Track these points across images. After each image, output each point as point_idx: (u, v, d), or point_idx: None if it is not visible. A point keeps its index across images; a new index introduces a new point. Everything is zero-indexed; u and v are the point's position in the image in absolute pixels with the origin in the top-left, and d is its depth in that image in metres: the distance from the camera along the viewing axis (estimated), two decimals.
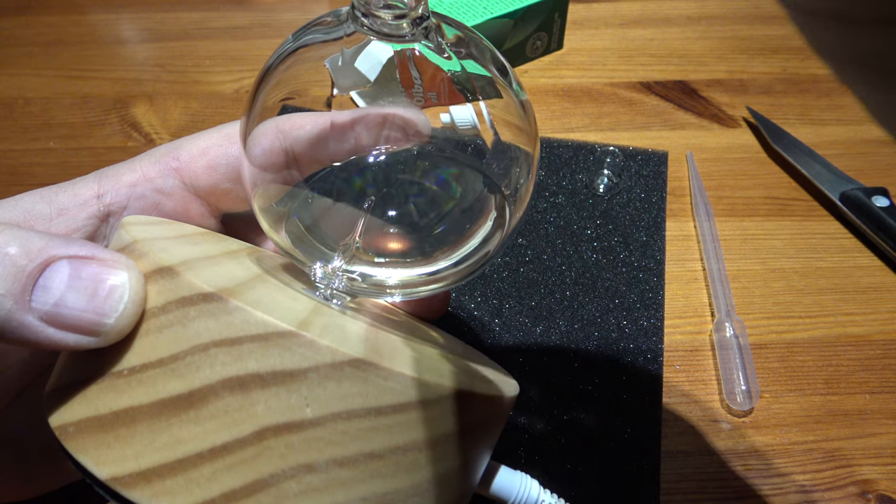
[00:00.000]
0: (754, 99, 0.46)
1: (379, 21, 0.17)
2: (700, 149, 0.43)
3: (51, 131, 0.44)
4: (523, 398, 0.30)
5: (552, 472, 0.28)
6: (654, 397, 0.30)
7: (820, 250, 0.37)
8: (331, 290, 0.19)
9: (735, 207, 0.39)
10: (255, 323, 0.14)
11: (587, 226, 0.38)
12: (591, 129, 0.44)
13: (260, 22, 0.53)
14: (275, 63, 0.19)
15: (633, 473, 0.28)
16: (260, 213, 0.19)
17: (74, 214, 0.20)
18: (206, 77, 0.48)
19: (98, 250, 0.15)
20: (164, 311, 0.15)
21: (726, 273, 0.35)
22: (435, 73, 0.18)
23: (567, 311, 0.34)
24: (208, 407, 0.14)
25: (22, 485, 0.21)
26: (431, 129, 0.19)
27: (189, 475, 0.14)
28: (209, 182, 0.21)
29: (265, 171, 0.19)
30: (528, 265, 0.36)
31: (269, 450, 0.14)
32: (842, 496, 0.28)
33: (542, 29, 0.47)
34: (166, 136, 0.44)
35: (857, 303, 0.35)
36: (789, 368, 0.32)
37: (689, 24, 0.53)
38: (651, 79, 0.48)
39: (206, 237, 0.20)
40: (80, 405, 0.15)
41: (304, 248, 0.19)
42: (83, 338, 0.15)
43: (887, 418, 0.30)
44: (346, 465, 0.14)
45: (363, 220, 0.19)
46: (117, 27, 0.53)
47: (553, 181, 0.40)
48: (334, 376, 0.14)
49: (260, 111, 0.19)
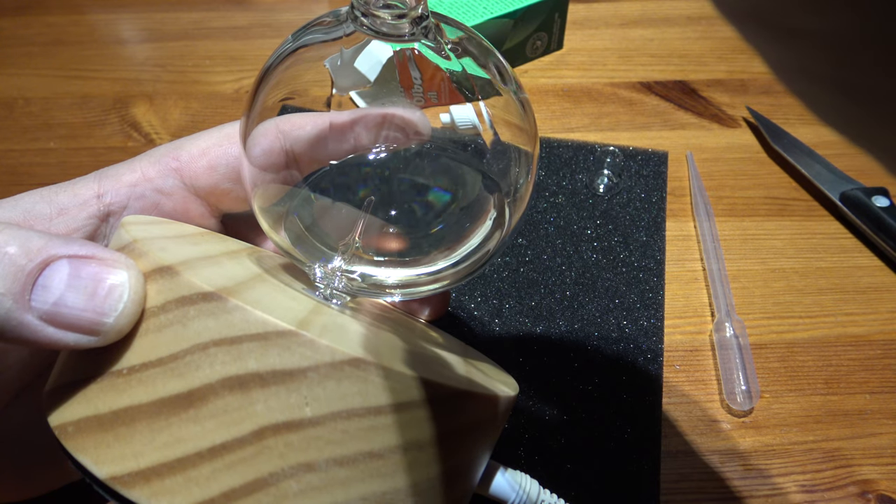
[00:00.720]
0: (754, 99, 0.46)
1: (378, 21, 0.17)
2: (700, 149, 0.43)
3: (51, 131, 0.44)
4: (523, 398, 0.30)
5: (552, 472, 0.28)
6: (654, 397, 0.30)
7: (820, 250, 0.37)
8: (330, 289, 0.19)
9: (735, 207, 0.39)
10: (254, 322, 0.14)
11: (587, 226, 0.38)
12: (591, 129, 0.44)
13: (260, 22, 0.53)
14: (274, 63, 0.19)
15: (633, 473, 0.28)
16: (260, 213, 0.19)
17: (74, 214, 0.20)
18: (206, 77, 0.48)
19: (98, 250, 0.15)
20: (164, 310, 0.15)
21: (726, 273, 0.35)
22: (434, 73, 0.18)
23: (567, 311, 0.34)
24: (208, 406, 0.14)
25: (22, 484, 0.21)
26: (431, 128, 0.19)
27: (188, 474, 0.14)
28: (209, 182, 0.21)
29: (265, 171, 0.19)
30: (528, 265, 0.36)
31: (268, 449, 0.14)
32: (842, 496, 0.28)
33: (542, 29, 0.47)
34: (166, 136, 0.44)
35: (857, 303, 0.35)
36: (789, 368, 0.32)
37: (689, 24, 0.53)
38: (651, 79, 0.48)
39: (205, 237, 0.20)
40: (79, 404, 0.15)
41: (303, 248, 0.19)
42: (83, 337, 0.15)
43: (887, 418, 0.30)
44: (346, 464, 0.14)
45: (363, 220, 0.19)
46: (117, 27, 0.53)
47: (553, 181, 0.40)
48: (334, 376, 0.14)
49: (260, 111, 0.19)
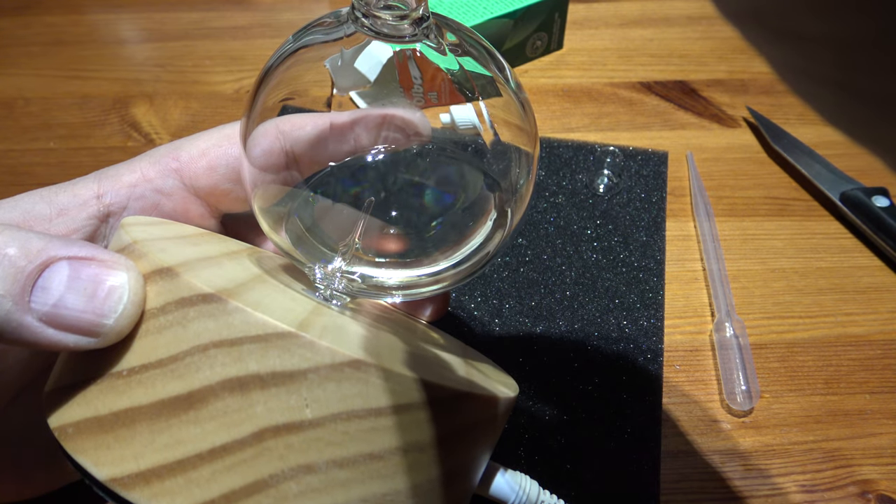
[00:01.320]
0: (754, 99, 0.46)
1: (379, 21, 0.17)
2: (700, 149, 0.43)
3: (51, 131, 0.44)
4: (523, 398, 0.30)
5: (552, 472, 0.28)
6: (654, 397, 0.30)
7: (820, 250, 0.37)
8: (330, 290, 0.19)
9: (735, 207, 0.39)
10: (254, 324, 0.14)
11: (587, 226, 0.38)
12: (591, 129, 0.44)
13: (260, 22, 0.53)
14: (275, 63, 0.19)
15: (633, 473, 0.28)
16: (260, 213, 0.19)
17: (74, 215, 0.20)
18: (206, 77, 0.48)
19: (97, 251, 0.15)
20: (164, 311, 0.15)
21: (726, 273, 0.35)
22: (435, 74, 0.18)
23: (567, 311, 0.34)
24: (208, 408, 0.14)
25: (21, 485, 0.21)
26: (431, 129, 0.19)
27: (188, 476, 0.14)
28: (209, 182, 0.21)
29: (265, 172, 0.19)
30: (528, 265, 0.36)
31: (268, 451, 0.14)
32: (842, 496, 0.28)
33: (542, 29, 0.47)
34: (166, 136, 0.44)
35: (857, 303, 0.35)
36: (789, 368, 0.32)
37: (689, 24, 0.53)
38: (651, 79, 0.48)
39: (205, 238, 0.20)
40: (79, 406, 0.15)
41: (303, 249, 0.19)
42: (82, 338, 0.15)
43: (887, 418, 0.30)
44: (346, 465, 0.14)
45: (363, 220, 0.19)
46: (117, 27, 0.53)
47: (553, 181, 0.40)
48: (334, 377, 0.14)
49: (260, 112, 0.19)
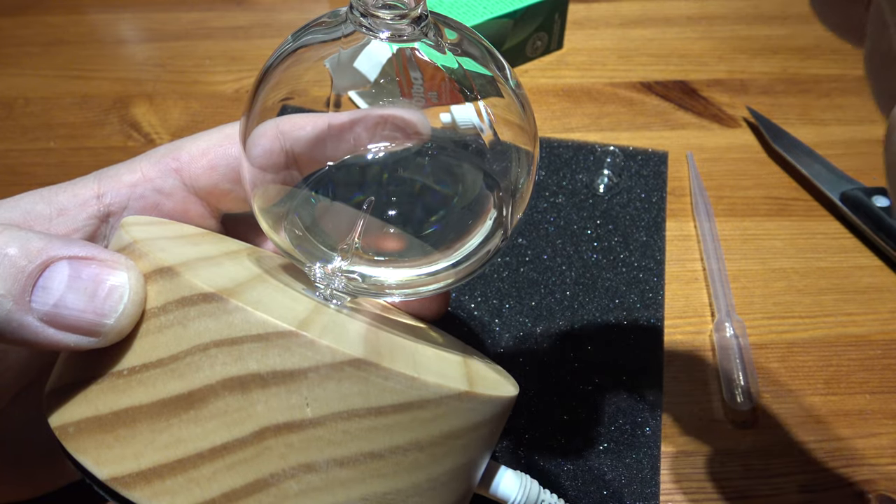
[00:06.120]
0: (754, 99, 0.46)
1: (378, 21, 0.17)
2: (700, 149, 0.43)
3: (51, 131, 0.44)
4: (523, 398, 0.30)
5: (552, 472, 0.28)
6: (655, 397, 0.30)
7: (820, 250, 0.37)
8: (330, 290, 0.19)
9: (735, 207, 0.39)
10: (255, 323, 0.14)
11: (587, 226, 0.38)
12: (591, 129, 0.44)
13: (260, 22, 0.53)
14: (274, 63, 0.19)
15: (633, 473, 0.28)
16: (260, 213, 0.19)
17: (74, 215, 0.20)
18: (206, 77, 0.48)
19: (98, 251, 0.15)
20: (164, 311, 0.15)
21: (726, 273, 0.35)
22: (434, 73, 0.18)
23: (567, 311, 0.34)
24: (208, 407, 0.14)
25: (21, 485, 0.21)
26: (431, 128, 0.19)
27: (189, 475, 0.14)
28: (209, 182, 0.21)
29: (265, 172, 0.19)
30: (528, 265, 0.36)
31: (269, 450, 0.14)
32: (842, 496, 0.28)
33: (542, 29, 0.47)
34: (166, 136, 0.44)
35: (857, 303, 0.35)
36: (789, 368, 0.32)
37: (689, 24, 0.53)
38: (651, 79, 0.48)
39: (205, 237, 0.20)
40: (79, 405, 0.15)
41: (303, 249, 0.19)
42: (83, 338, 0.15)
43: (887, 418, 0.30)
44: (347, 464, 0.14)
45: (363, 220, 0.19)
46: (117, 27, 0.53)
47: (553, 181, 0.40)
48: (334, 376, 0.14)
49: (260, 111, 0.19)
